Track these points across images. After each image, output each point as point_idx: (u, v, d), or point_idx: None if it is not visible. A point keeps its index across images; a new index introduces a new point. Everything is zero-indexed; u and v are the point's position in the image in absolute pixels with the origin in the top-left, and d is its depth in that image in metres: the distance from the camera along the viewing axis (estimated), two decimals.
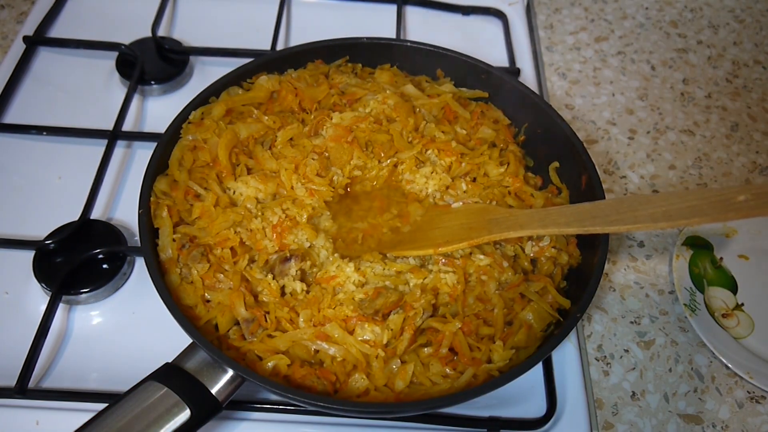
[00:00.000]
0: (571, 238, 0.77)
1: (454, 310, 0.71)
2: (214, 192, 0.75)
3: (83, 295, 0.78)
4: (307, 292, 0.71)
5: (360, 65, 0.92)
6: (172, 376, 0.61)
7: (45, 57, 1.06)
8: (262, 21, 1.10)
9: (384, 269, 0.72)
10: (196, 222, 0.73)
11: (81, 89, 1.03)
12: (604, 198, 0.74)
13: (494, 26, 1.18)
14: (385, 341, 0.67)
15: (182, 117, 0.79)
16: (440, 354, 0.67)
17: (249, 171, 0.79)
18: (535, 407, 0.73)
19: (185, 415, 0.58)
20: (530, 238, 0.77)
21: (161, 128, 0.78)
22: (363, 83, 0.87)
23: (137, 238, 0.79)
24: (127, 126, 0.96)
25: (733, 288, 0.88)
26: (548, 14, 1.27)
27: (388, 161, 0.82)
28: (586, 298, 0.67)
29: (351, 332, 0.67)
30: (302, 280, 0.72)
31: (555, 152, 0.84)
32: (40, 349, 0.73)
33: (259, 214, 0.75)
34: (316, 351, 0.67)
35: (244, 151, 0.80)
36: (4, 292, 0.80)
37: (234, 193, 0.77)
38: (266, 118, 0.82)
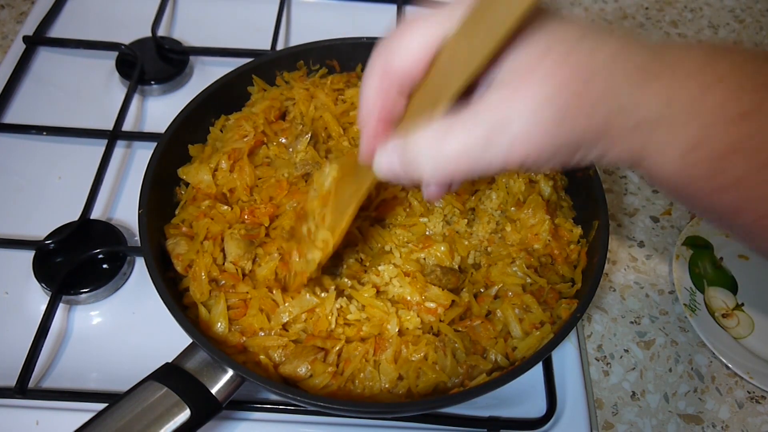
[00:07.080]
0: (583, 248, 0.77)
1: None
2: None
3: (83, 295, 0.78)
4: None
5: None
6: (172, 376, 0.61)
7: (45, 57, 1.06)
8: (262, 21, 1.10)
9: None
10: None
11: (81, 89, 1.03)
12: (603, 197, 0.74)
13: None
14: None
15: (182, 117, 0.79)
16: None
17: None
18: (535, 407, 0.73)
19: (185, 415, 0.58)
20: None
21: (161, 128, 0.78)
22: None
23: (137, 238, 0.79)
24: (127, 126, 0.96)
25: (733, 288, 0.88)
26: None
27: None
28: (586, 298, 0.67)
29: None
30: None
31: None
32: (40, 349, 0.73)
33: None
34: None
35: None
36: (3, 292, 0.80)
37: None
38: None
